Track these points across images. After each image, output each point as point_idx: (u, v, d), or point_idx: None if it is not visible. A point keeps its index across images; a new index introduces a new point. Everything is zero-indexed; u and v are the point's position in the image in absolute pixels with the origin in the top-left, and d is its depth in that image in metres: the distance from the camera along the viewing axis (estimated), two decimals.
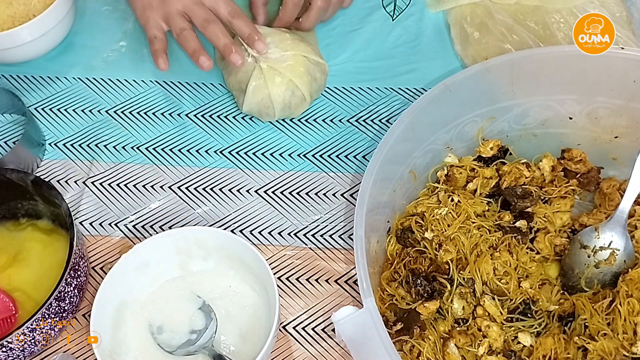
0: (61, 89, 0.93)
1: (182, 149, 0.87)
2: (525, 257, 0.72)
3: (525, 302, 0.70)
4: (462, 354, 0.67)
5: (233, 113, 0.90)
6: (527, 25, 0.93)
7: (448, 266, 0.71)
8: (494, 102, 0.79)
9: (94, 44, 0.98)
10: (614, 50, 0.74)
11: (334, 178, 0.84)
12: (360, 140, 0.87)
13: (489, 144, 0.80)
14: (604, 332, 0.65)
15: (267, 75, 0.84)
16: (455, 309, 0.69)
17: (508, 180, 0.77)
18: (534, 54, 0.79)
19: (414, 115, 0.73)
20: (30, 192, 0.74)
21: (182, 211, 0.81)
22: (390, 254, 0.74)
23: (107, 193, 0.83)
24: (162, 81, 0.94)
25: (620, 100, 0.77)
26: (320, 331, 0.72)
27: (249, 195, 0.83)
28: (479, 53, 0.91)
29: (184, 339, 0.69)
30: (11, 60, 0.93)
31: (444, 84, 0.75)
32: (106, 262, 0.77)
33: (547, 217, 0.75)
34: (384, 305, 0.70)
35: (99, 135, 0.88)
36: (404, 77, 0.93)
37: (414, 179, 0.78)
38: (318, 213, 0.81)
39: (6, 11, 0.91)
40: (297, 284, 0.76)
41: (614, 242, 0.71)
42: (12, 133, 0.89)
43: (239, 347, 0.69)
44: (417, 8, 1.00)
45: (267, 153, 0.86)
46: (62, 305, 0.67)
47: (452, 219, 0.74)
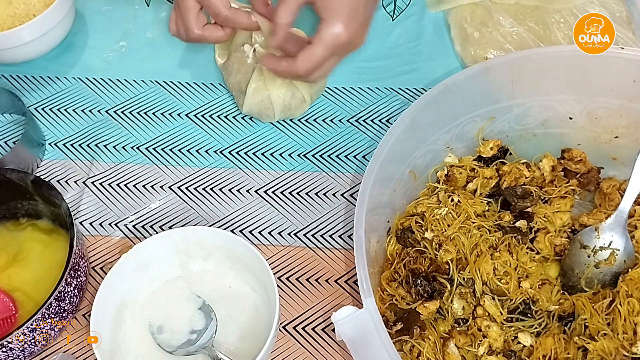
0: (61, 89, 0.93)
1: (182, 149, 0.87)
2: (525, 257, 0.72)
3: (525, 302, 0.70)
4: (462, 354, 0.67)
5: (233, 113, 0.90)
6: (527, 25, 0.93)
7: (448, 266, 0.71)
8: (494, 102, 0.79)
9: (94, 44, 0.98)
10: (614, 50, 0.74)
11: (334, 178, 0.84)
12: (360, 140, 0.87)
13: (489, 144, 0.80)
14: (604, 332, 0.65)
15: (268, 77, 0.84)
16: (455, 309, 0.69)
17: (508, 180, 0.77)
18: (534, 54, 0.78)
19: (414, 115, 0.73)
20: (30, 192, 0.74)
21: (182, 211, 0.81)
22: (390, 254, 0.74)
23: (107, 193, 0.83)
24: (162, 81, 0.94)
25: (620, 100, 0.77)
26: (320, 331, 0.72)
27: (249, 195, 0.83)
28: (479, 53, 0.91)
29: (184, 339, 0.69)
30: (11, 60, 0.93)
31: (444, 84, 0.75)
32: (106, 262, 0.77)
33: (547, 217, 0.75)
34: (384, 305, 0.70)
35: (99, 135, 0.88)
36: (404, 77, 0.93)
37: (414, 179, 0.78)
38: (318, 213, 0.81)
39: (6, 11, 0.91)
40: (297, 284, 0.76)
41: (614, 242, 0.71)
42: (12, 133, 0.89)
43: (239, 347, 0.69)
44: (417, 8, 1.00)
45: (267, 153, 0.86)
46: (62, 305, 0.66)
47: (452, 219, 0.74)
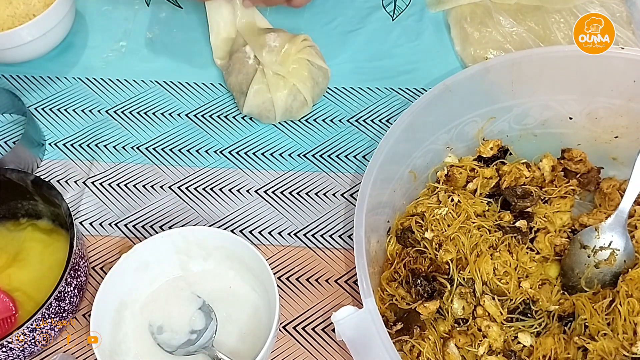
0: (61, 89, 0.93)
1: (182, 149, 0.87)
2: (525, 257, 0.72)
3: (525, 302, 0.70)
4: (462, 354, 0.67)
5: (233, 113, 0.90)
6: (527, 25, 0.93)
7: (448, 266, 0.71)
8: (494, 102, 0.79)
9: (94, 44, 0.98)
10: (614, 50, 0.74)
11: (334, 178, 0.84)
12: (360, 140, 0.87)
13: (489, 144, 0.80)
14: (604, 332, 0.65)
15: (270, 80, 0.83)
16: (455, 309, 0.69)
17: (508, 180, 0.77)
18: (534, 54, 0.79)
19: (414, 115, 0.73)
20: (30, 192, 0.74)
21: (182, 211, 0.81)
22: (390, 254, 0.74)
23: (107, 193, 0.83)
24: (162, 81, 0.94)
25: (620, 100, 0.77)
26: (320, 331, 0.72)
27: (249, 195, 0.83)
28: (479, 53, 0.91)
29: (184, 339, 0.69)
30: (11, 60, 0.93)
31: (444, 84, 0.75)
32: (106, 262, 0.77)
33: (547, 217, 0.75)
34: (384, 305, 0.70)
35: (99, 135, 0.88)
36: (404, 77, 0.93)
37: (414, 179, 0.78)
38: (318, 213, 0.81)
39: (6, 11, 0.91)
40: (297, 284, 0.76)
41: (614, 242, 0.71)
42: (12, 133, 0.89)
43: (239, 347, 0.69)
44: (417, 8, 1.00)
45: (267, 153, 0.86)
46: (62, 305, 0.66)
47: (452, 219, 0.74)
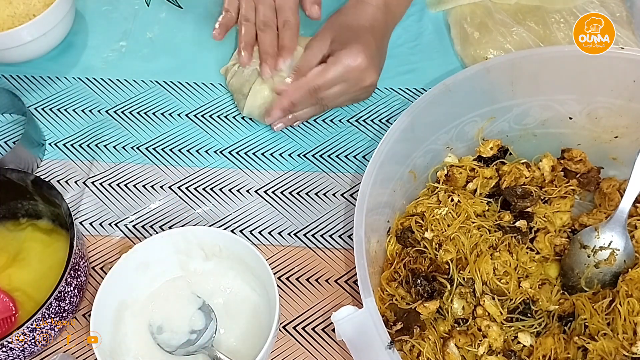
0: (61, 89, 0.93)
1: (182, 149, 0.87)
2: (525, 257, 0.72)
3: (525, 302, 0.70)
4: (462, 354, 0.67)
5: (233, 113, 0.90)
6: (527, 25, 0.93)
7: (448, 266, 0.71)
8: (494, 102, 0.79)
9: (94, 44, 0.98)
10: (614, 50, 0.74)
11: (334, 178, 0.84)
12: (360, 140, 0.87)
13: (489, 144, 0.80)
14: (604, 332, 0.65)
15: (270, 83, 0.83)
16: (455, 309, 0.69)
17: (508, 180, 0.77)
18: (534, 54, 0.79)
19: (414, 115, 0.73)
20: (30, 192, 0.74)
21: (182, 211, 0.81)
22: (390, 254, 0.74)
23: (107, 193, 0.83)
24: (162, 81, 0.94)
25: (620, 100, 0.77)
26: (320, 331, 0.72)
27: (249, 195, 0.83)
28: (479, 53, 0.91)
29: (183, 339, 0.69)
30: (11, 60, 0.93)
31: (444, 84, 0.75)
32: (106, 262, 0.77)
33: (547, 217, 0.75)
34: (384, 305, 0.70)
35: (99, 135, 0.88)
36: (404, 77, 0.93)
37: (414, 179, 0.78)
38: (318, 213, 0.81)
39: (6, 11, 0.91)
40: (297, 284, 0.76)
41: (614, 242, 0.71)
42: (12, 133, 0.89)
43: (239, 347, 0.69)
44: (417, 8, 1.00)
45: (267, 153, 0.86)
46: (62, 305, 0.66)
47: (452, 219, 0.74)
